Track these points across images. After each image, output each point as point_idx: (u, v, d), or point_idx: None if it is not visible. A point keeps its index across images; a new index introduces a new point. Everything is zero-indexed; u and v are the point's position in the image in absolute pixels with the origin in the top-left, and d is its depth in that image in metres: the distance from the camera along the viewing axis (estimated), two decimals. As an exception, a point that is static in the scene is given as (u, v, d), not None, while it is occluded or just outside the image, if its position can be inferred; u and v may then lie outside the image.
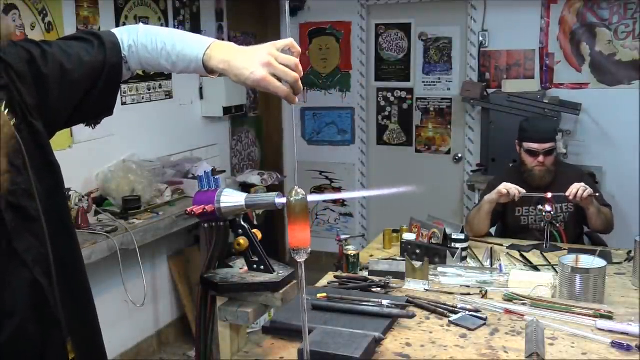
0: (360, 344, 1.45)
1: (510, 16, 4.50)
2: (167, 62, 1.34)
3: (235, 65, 1.25)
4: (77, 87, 1.30)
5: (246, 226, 1.67)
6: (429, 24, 4.87)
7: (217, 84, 4.23)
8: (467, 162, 4.81)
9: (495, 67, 4.62)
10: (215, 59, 1.27)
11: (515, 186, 2.80)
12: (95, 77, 1.32)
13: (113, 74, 1.35)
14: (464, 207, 4.84)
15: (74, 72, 1.28)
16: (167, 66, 1.35)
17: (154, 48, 1.34)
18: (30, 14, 3.12)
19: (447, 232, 2.57)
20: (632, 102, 4.26)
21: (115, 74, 1.35)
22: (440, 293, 1.98)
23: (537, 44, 4.48)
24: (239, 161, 4.99)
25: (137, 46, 1.35)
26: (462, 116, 4.83)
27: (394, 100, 5.09)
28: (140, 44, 1.34)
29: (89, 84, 1.32)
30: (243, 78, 1.24)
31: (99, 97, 1.35)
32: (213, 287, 1.58)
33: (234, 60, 1.26)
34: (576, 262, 2.05)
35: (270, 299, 1.55)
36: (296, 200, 1.24)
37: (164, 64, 1.35)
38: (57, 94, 1.26)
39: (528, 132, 3.05)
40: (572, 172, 3.17)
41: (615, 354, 1.52)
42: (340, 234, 2.54)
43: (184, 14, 4.22)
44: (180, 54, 1.31)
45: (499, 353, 1.53)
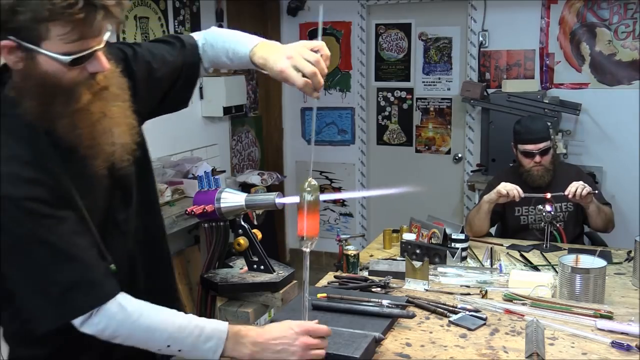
0: (360, 344, 1.45)
1: (510, 16, 4.50)
2: (227, 59, 1.50)
3: (269, 59, 1.37)
4: (161, 83, 1.49)
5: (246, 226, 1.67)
6: (429, 24, 4.87)
7: (217, 84, 4.23)
8: (467, 162, 4.81)
9: (495, 67, 4.62)
10: (257, 54, 1.41)
11: (514, 186, 2.80)
12: (176, 74, 1.51)
13: (191, 72, 1.53)
14: (464, 207, 4.85)
15: (159, 70, 1.46)
16: (227, 62, 1.50)
17: (218, 46, 1.51)
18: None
19: (447, 232, 2.57)
20: (632, 102, 4.26)
21: (192, 71, 1.54)
22: (440, 293, 1.98)
23: (537, 44, 4.48)
24: (239, 161, 4.99)
25: (207, 46, 1.53)
26: (462, 116, 4.83)
27: (394, 100, 5.09)
28: (209, 44, 1.52)
29: (171, 80, 1.50)
30: (272, 70, 1.36)
31: (179, 92, 1.54)
32: (213, 287, 1.58)
33: (270, 56, 1.38)
34: (576, 262, 2.05)
35: (270, 299, 1.56)
36: (309, 190, 1.33)
37: (225, 60, 1.51)
38: (143, 87, 1.43)
39: (521, 134, 3.06)
40: (571, 171, 3.18)
41: (615, 354, 1.52)
42: (340, 234, 2.54)
43: (184, 14, 4.22)
44: (234, 50, 1.47)
45: (499, 353, 1.53)
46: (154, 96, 1.49)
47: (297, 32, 5.23)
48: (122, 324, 1.26)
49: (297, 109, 5.35)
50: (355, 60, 5.10)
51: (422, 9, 4.89)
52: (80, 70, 1.19)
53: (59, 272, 1.21)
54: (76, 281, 1.22)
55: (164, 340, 1.29)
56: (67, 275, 1.22)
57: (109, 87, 1.26)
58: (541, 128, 3.05)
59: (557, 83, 4.46)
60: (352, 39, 5.08)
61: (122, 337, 1.28)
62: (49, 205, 1.20)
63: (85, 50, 1.17)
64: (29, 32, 1.13)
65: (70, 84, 1.19)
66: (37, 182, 1.19)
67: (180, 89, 1.54)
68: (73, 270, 1.22)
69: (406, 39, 4.97)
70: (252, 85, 5.10)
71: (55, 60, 1.15)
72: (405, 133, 5.10)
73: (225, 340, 1.31)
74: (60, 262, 1.21)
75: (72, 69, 1.18)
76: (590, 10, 4.31)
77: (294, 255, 5.47)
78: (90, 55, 1.18)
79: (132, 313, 1.26)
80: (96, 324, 1.25)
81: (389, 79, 5.08)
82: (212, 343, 1.30)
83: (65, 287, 1.21)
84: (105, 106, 1.25)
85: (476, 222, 2.93)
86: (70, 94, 1.20)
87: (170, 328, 1.29)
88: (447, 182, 4.97)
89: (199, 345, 1.30)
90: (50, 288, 1.21)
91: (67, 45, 1.15)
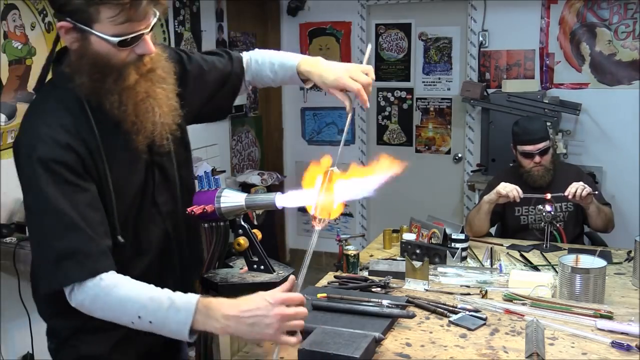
0: (360, 344, 1.45)
1: (510, 16, 4.50)
2: (270, 72, 1.67)
3: (318, 68, 1.58)
4: (209, 86, 1.63)
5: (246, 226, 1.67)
6: (429, 24, 4.87)
7: (217, 84, 4.23)
8: (467, 162, 4.81)
9: (495, 67, 4.62)
10: (302, 65, 1.60)
11: (514, 187, 2.80)
12: (222, 81, 1.66)
13: (236, 82, 1.69)
14: (464, 207, 4.84)
15: (209, 74, 1.62)
16: (270, 75, 1.68)
17: (262, 61, 1.69)
18: (30, 14, 3.13)
19: (447, 232, 2.57)
20: (632, 102, 4.26)
21: (237, 82, 1.69)
22: (440, 293, 1.98)
23: (537, 44, 4.48)
24: (239, 161, 4.99)
25: (252, 61, 1.70)
26: (462, 116, 4.83)
27: (394, 100, 5.09)
28: (254, 59, 1.70)
29: (218, 85, 1.65)
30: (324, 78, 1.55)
31: (222, 99, 1.68)
32: (213, 287, 1.58)
33: (317, 67, 1.59)
34: (576, 262, 2.05)
35: (270, 299, 1.55)
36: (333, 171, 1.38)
37: (268, 73, 1.68)
38: (193, 87, 1.57)
39: (519, 136, 3.06)
40: (571, 171, 3.18)
41: (615, 354, 1.52)
42: (340, 234, 2.54)
43: (184, 14, 4.22)
44: (281, 63, 1.65)
45: (499, 353, 1.53)
46: (201, 96, 1.62)
47: (297, 32, 5.23)
48: (96, 296, 1.28)
49: (297, 109, 5.35)
50: (355, 60, 5.10)
51: (422, 9, 4.89)
52: (129, 51, 1.30)
53: (60, 239, 1.28)
54: (73, 251, 1.27)
55: (136, 311, 1.27)
56: (66, 244, 1.27)
57: (155, 70, 1.37)
58: (539, 128, 3.05)
59: (557, 83, 4.46)
60: (352, 39, 5.08)
61: (99, 310, 1.30)
62: (74, 173, 1.30)
63: (132, 33, 1.27)
64: (83, 14, 1.25)
65: (119, 64, 1.31)
66: (70, 149, 1.30)
67: (223, 96, 1.67)
68: (73, 240, 1.28)
69: (406, 39, 4.97)
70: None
71: (105, 41, 1.27)
72: (405, 133, 5.10)
73: (194, 313, 1.26)
74: (65, 229, 1.27)
75: (120, 50, 1.29)
76: (590, 10, 4.31)
77: (294, 255, 5.47)
78: (137, 38, 1.29)
79: (106, 286, 1.28)
80: (76, 297, 1.30)
81: (389, 79, 5.08)
82: (181, 315, 1.27)
83: (62, 254, 1.27)
84: (150, 87, 1.36)
85: (476, 223, 2.93)
86: (119, 73, 1.31)
87: (143, 298, 1.28)
88: (447, 182, 4.97)
89: (169, 316, 1.27)
90: (49, 252, 1.28)
91: (116, 28, 1.26)
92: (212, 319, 1.27)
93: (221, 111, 1.73)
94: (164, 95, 1.40)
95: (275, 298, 1.28)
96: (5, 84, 3.01)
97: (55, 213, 1.27)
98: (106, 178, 1.35)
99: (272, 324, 1.26)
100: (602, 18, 4.29)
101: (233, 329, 1.27)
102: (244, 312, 1.27)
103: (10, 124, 3.06)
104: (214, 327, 1.27)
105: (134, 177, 1.42)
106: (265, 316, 1.26)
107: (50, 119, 1.32)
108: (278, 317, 1.26)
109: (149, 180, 1.46)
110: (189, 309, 1.27)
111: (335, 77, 1.54)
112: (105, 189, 1.36)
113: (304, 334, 1.49)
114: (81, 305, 1.31)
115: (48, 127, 1.30)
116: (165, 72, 1.41)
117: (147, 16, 1.29)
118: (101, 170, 1.35)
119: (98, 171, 1.35)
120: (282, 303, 1.27)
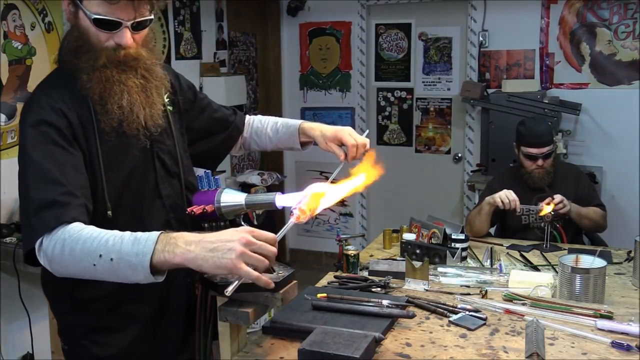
0: (360, 344, 1.44)
1: (510, 16, 4.50)
2: (271, 130, 1.83)
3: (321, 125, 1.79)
4: (210, 122, 1.78)
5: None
6: (429, 24, 4.87)
7: (217, 84, 4.23)
8: (467, 162, 4.81)
9: (495, 67, 4.62)
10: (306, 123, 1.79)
11: (514, 199, 2.80)
12: (223, 126, 1.81)
13: (234, 133, 1.83)
14: (464, 207, 4.84)
15: (214, 112, 1.80)
16: (270, 133, 1.83)
17: (265, 120, 1.86)
18: (30, 14, 3.13)
19: (447, 232, 2.57)
20: (632, 102, 4.26)
21: (235, 134, 1.84)
22: (440, 293, 1.98)
23: (537, 44, 4.48)
24: (239, 161, 4.99)
25: (254, 120, 1.88)
26: (462, 116, 4.83)
27: (394, 100, 5.09)
28: (257, 119, 1.88)
29: (217, 127, 1.80)
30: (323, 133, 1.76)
31: (217, 144, 1.81)
32: (213, 287, 1.58)
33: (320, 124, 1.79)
34: (576, 262, 2.05)
35: (270, 299, 1.55)
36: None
37: (268, 131, 1.83)
38: (196, 114, 1.74)
39: (525, 137, 3.04)
40: (569, 171, 3.19)
41: (615, 354, 1.52)
42: (340, 234, 2.53)
43: (184, 14, 4.22)
44: (284, 121, 1.83)
45: (499, 353, 1.53)
46: (201, 127, 1.76)
47: (297, 32, 5.23)
48: (64, 241, 1.26)
49: (297, 109, 5.35)
50: (355, 60, 5.10)
51: (422, 9, 4.89)
52: (108, 37, 1.40)
53: (41, 191, 1.31)
54: (51, 202, 1.29)
55: (97, 249, 1.24)
56: (46, 195, 1.30)
57: (134, 66, 1.45)
58: (545, 132, 3.04)
59: (557, 83, 4.46)
60: (352, 39, 5.08)
61: (66, 256, 1.26)
62: (62, 136, 1.37)
63: (111, 17, 1.37)
64: None
65: (96, 45, 1.40)
66: (63, 115, 1.39)
67: (219, 142, 1.81)
68: (52, 191, 1.30)
69: (406, 39, 4.97)
70: (252, 85, 5.10)
71: (87, 18, 1.38)
72: (405, 133, 5.10)
73: (155, 242, 1.22)
74: (45, 182, 1.31)
75: (99, 31, 1.39)
76: (590, 10, 4.31)
77: (294, 255, 5.47)
78: (116, 25, 1.38)
79: (73, 229, 1.27)
80: (45, 247, 1.28)
81: (389, 79, 5.08)
82: (140, 245, 1.23)
83: (41, 205, 1.29)
84: (122, 75, 1.43)
85: (477, 223, 2.93)
86: (93, 52, 1.41)
87: (107, 236, 1.26)
88: (447, 182, 4.96)
89: (128, 250, 1.22)
90: (30, 206, 1.31)
91: (98, 7, 1.36)
92: (173, 245, 1.22)
93: (212, 157, 1.83)
94: (139, 88, 1.46)
95: (244, 228, 1.25)
96: (5, 84, 3.01)
97: (39, 169, 1.32)
98: (97, 153, 1.42)
99: (234, 249, 1.19)
100: (602, 18, 4.29)
101: (193, 254, 1.21)
102: (207, 237, 1.23)
103: (10, 124, 3.06)
104: (173, 252, 1.21)
105: (127, 160, 1.48)
106: (228, 241, 1.20)
107: (54, 93, 1.42)
108: (243, 241, 1.20)
109: (150, 169, 1.53)
110: (151, 239, 1.23)
111: (335, 131, 1.72)
112: (95, 163, 1.42)
113: (305, 334, 1.49)
114: (51, 254, 1.27)
115: (49, 98, 1.40)
116: (152, 75, 1.49)
117: (128, 8, 1.37)
118: (92, 145, 1.42)
119: (88, 144, 1.42)
120: (250, 233, 1.23)
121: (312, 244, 5.38)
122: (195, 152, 1.73)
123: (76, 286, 1.42)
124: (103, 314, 1.47)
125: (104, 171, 1.43)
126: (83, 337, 1.49)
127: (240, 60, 5.00)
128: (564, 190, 2.91)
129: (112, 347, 1.48)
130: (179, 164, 1.60)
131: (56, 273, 1.31)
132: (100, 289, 1.40)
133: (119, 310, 1.48)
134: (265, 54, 5.26)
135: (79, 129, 1.41)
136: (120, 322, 1.48)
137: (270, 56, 5.27)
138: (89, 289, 1.42)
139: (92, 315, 1.45)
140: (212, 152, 1.81)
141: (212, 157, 1.84)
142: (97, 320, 1.46)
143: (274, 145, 1.86)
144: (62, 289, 1.46)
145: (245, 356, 1.58)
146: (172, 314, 1.58)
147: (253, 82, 5.13)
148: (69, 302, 1.47)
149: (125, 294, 1.45)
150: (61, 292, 1.48)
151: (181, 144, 1.64)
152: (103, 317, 1.46)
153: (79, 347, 1.50)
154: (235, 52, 4.94)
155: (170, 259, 1.22)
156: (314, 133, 1.75)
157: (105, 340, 1.48)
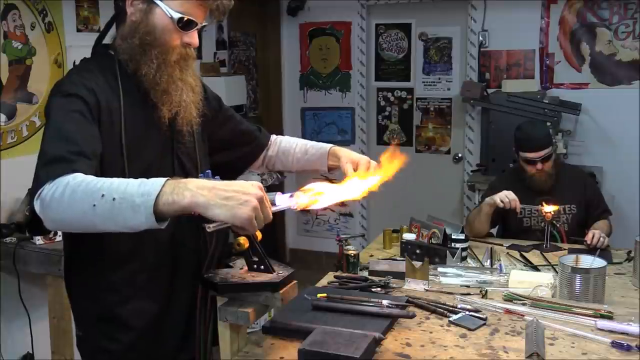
0: (360, 344, 1.44)
1: (510, 16, 4.50)
2: (299, 151, 1.84)
3: (346, 151, 1.78)
4: (233, 134, 1.80)
5: (246, 226, 1.67)
6: (429, 24, 4.87)
7: (217, 84, 4.23)
8: (467, 162, 4.81)
9: (495, 67, 4.62)
10: (334, 147, 1.80)
11: (514, 198, 2.80)
12: (245, 140, 1.83)
13: (256, 149, 1.85)
14: (464, 207, 4.84)
15: (238, 124, 1.82)
16: (297, 154, 1.84)
17: (294, 141, 1.88)
18: (30, 14, 3.13)
19: (447, 232, 2.56)
20: (632, 102, 4.26)
21: (257, 150, 1.85)
22: (440, 293, 1.98)
23: (537, 44, 4.48)
24: (239, 161, 4.99)
25: (281, 140, 1.90)
26: (462, 116, 4.83)
27: (394, 100, 5.09)
28: (285, 139, 1.90)
29: (239, 140, 1.81)
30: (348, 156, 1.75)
31: (235, 158, 1.82)
32: (213, 287, 1.58)
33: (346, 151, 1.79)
34: (576, 262, 2.05)
35: (270, 299, 1.55)
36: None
37: (297, 151, 1.84)
38: (220, 125, 1.76)
39: (522, 142, 3.03)
40: (573, 173, 3.18)
41: (615, 354, 1.52)
42: (340, 234, 2.53)
43: (184, 14, 4.21)
44: (314, 144, 1.84)
45: (499, 353, 1.53)
46: (222, 137, 1.77)
47: (297, 32, 5.23)
48: (67, 185, 1.22)
49: (297, 109, 5.35)
50: (355, 60, 5.10)
51: (422, 9, 4.89)
52: (179, 37, 1.48)
53: (55, 146, 1.32)
54: (62, 156, 1.29)
55: (101, 189, 1.19)
56: (59, 150, 1.30)
57: (192, 65, 1.55)
58: (542, 135, 3.02)
59: (557, 83, 4.46)
60: (352, 39, 5.08)
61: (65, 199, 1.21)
62: (88, 110, 1.39)
63: (191, 17, 1.46)
64: None
65: (167, 43, 1.47)
66: (93, 94, 1.42)
67: (240, 154, 1.82)
68: (64, 147, 1.30)
69: (406, 39, 4.97)
70: (252, 85, 5.10)
71: (167, 17, 1.45)
72: (405, 133, 5.10)
73: (163, 184, 1.18)
74: (60, 139, 1.33)
75: (175, 31, 1.46)
76: (590, 10, 4.31)
77: (294, 255, 5.47)
78: (192, 25, 1.47)
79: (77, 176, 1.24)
80: (45, 191, 1.24)
81: (389, 79, 5.08)
82: (147, 186, 1.18)
83: (51, 159, 1.29)
84: (184, 73, 1.52)
85: (476, 224, 2.92)
86: (164, 47, 1.47)
87: (113, 179, 1.23)
88: (447, 182, 4.96)
89: (134, 190, 1.18)
90: (41, 158, 1.32)
91: (181, 7, 1.44)
92: (183, 187, 1.18)
93: (230, 169, 1.81)
94: (194, 85, 1.56)
95: (256, 183, 1.23)
96: (5, 84, 3.01)
97: (59, 128, 1.35)
98: (120, 138, 1.45)
99: (250, 202, 1.18)
100: (602, 18, 4.29)
101: (205, 198, 1.17)
102: (219, 185, 1.20)
103: (11, 123, 3.06)
104: (183, 194, 1.17)
105: (146, 152, 1.51)
106: (244, 193, 1.19)
107: (87, 75, 1.46)
108: (258, 196, 1.20)
109: (167, 166, 1.55)
110: (159, 181, 1.19)
111: (360, 156, 1.74)
112: (116, 147, 1.45)
113: (305, 334, 1.49)
114: (49, 198, 1.22)
115: (82, 78, 1.44)
116: (194, 78, 1.58)
117: (202, 10, 1.48)
118: (116, 129, 1.45)
119: (113, 128, 1.44)
120: (262, 190, 1.23)
121: (312, 244, 5.38)
122: (215, 161, 1.73)
123: (98, 272, 1.50)
124: (113, 306, 1.52)
125: (127, 156, 1.46)
126: (94, 325, 1.55)
127: (240, 60, 5.00)
128: (570, 195, 2.91)
129: (117, 341, 1.53)
130: (197, 167, 1.61)
131: (49, 222, 1.26)
132: (122, 272, 1.50)
133: (128, 304, 1.52)
134: (266, 54, 5.26)
135: (106, 112, 1.43)
136: (127, 316, 1.53)
137: (270, 56, 5.27)
138: (108, 275, 1.50)
139: (104, 305, 1.51)
140: (231, 164, 1.81)
141: (231, 169, 1.81)
142: (107, 311, 1.52)
143: (301, 166, 1.84)
144: (85, 273, 1.53)
145: (245, 356, 1.58)
146: (175, 312, 1.60)
147: (253, 82, 5.12)
148: (87, 287, 1.53)
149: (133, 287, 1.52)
150: (84, 276, 1.54)
151: (201, 149, 1.66)
152: (113, 309, 1.51)
153: (91, 335, 1.56)
154: (235, 52, 4.94)
155: (179, 201, 1.17)
156: (340, 154, 1.77)
157: (113, 333, 1.53)
